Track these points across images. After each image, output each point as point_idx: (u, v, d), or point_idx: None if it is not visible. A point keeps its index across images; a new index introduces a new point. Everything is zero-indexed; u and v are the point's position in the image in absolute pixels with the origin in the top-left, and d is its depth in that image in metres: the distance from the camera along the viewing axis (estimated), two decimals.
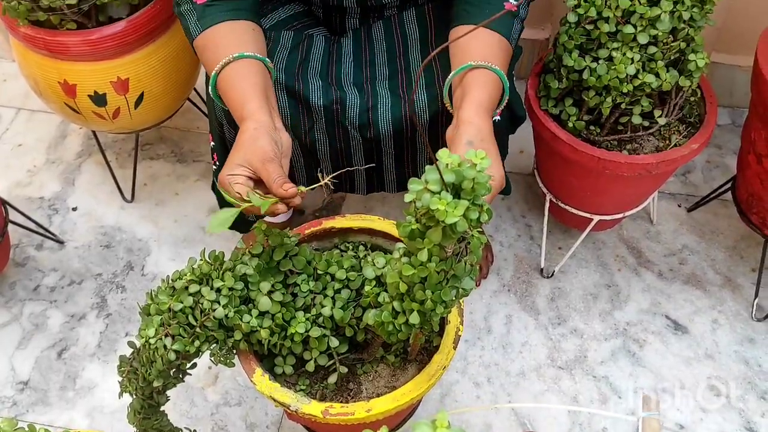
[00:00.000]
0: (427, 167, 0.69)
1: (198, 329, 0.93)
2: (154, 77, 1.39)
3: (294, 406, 0.93)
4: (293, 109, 1.13)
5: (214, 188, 1.35)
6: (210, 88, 1.03)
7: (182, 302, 0.93)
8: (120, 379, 1.03)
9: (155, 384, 0.97)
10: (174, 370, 0.98)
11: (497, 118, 1.09)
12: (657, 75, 1.14)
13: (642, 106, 1.19)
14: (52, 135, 1.79)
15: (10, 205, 1.48)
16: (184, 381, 1.03)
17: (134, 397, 1.02)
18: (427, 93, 1.11)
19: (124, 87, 1.36)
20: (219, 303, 0.93)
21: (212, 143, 1.25)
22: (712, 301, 1.47)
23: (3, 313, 1.47)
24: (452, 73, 0.99)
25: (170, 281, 0.97)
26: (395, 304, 0.83)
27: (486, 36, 1.01)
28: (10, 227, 1.46)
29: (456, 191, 0.68)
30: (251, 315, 0.94)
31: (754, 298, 1.43)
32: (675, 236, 1.57)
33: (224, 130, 1.17)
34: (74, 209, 1.65)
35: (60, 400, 1.36)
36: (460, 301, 1.01)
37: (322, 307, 0.96)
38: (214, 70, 1.00)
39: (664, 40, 1.12)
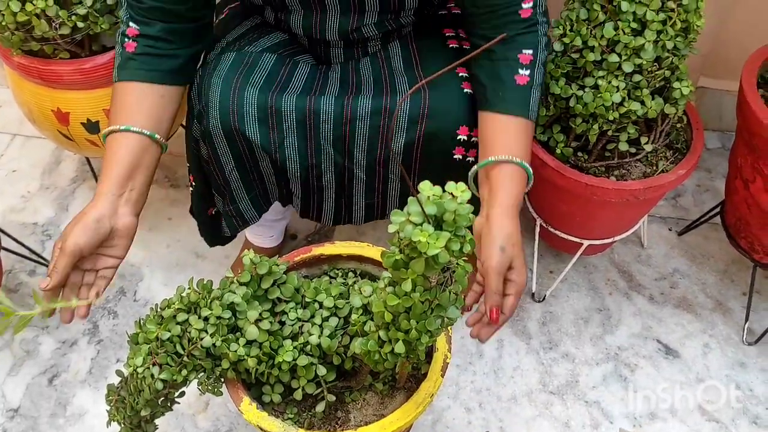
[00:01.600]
0: (410, 199, 0.69)
1: (186, 358, 0.94)
2: None
3: None
4: (262, 124, 1.10)
5: (191, 211, 1.35)
6: (102, 135, 1.06)
7: (170, 331, 0.94)
8: (108, 408, 1.03)
9: (143, 413, 0.97)
10: (162, 399, 0.99)
11: (471, 158, 1.11)
12: (642, 103, 1.15)
13: (628, 133, 1.21)
14: (46, 161, 1.81)
15: (3, 231, 1.48)
16: (172, 410, 1.03)
17: (122, 425, 1.02)
18: (409, 115, 1.10)
19: None
20: (206, 332, 0.93)
21: (188, 164, 1.25)
22: (703, 325, 1.47)
23: None
24: (476, 166, 1.02)
25: (158, 310, 0.97)
26: (381, 333, 0.84)
27: (505, 124, 1.01)
28: (3, 253, 1.46)
29: (438, 223, 0.69)
30: (238, 344, 0.94)
31: (745, 322, 1.44)
32: (666, 260, 1.58)
33: (200, 149, 1.18)
34: None
35: (50, 428, 1.35)
36: (448, 328, 1.01)
37: (310, 335, 0.96)
38: (105, 130, 1.04)
39: (649, 69, 1.13)
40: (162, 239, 1.64)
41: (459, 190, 0.68)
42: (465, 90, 1.10)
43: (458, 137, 1.09)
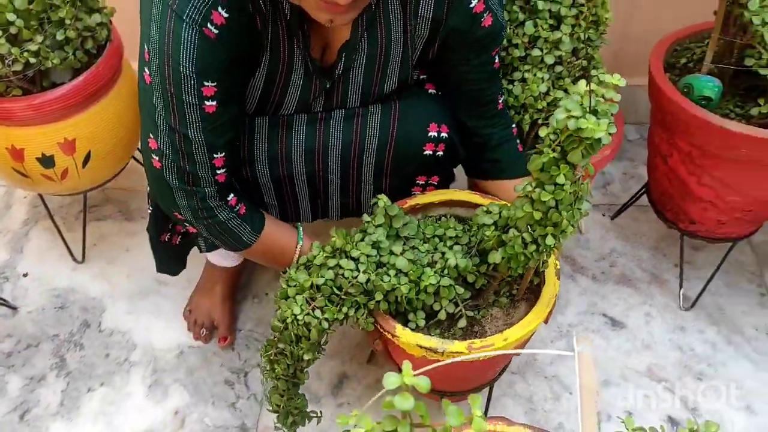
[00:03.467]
0: (565, 100, 0.85)
1: (343, 296, 1.05)
2: (99, 136, 1.44)
3: (440, 348, 1.03)
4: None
5: (149, 229, 1.36)
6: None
7: (323, 276, 1.05)
8: (263, 365, 1.15)
9: (306, 357, 1.09)
10: (322, 340, 1.10)
11: (440, 153, 1.21)
12: (566, 91, 1.27)
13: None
14: None
15: None
16: (323, 354, 1.14)
17: (278, 380, 1.13)
18: (381, 123, 1.19)
19: (71, 147, 1.41)
20: (359, 270, 1.05)
21: (148, 188, 1.28)
22: (642, 297, 1.59)
23: None
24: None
25: (305, 261, 1.10)
26: (525, 235, 0.97)
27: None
28: None
29: (594, 113, 0.85)
30: (389, 275, 1.06)
31: (680, 289, 1.56)
32: (603, 242, 1.70)
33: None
34: (25, 275, 1.66)
35: None
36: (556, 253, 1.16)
37: (446, 260, 1.08)
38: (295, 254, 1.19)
39: (568, 60, 1.26)
40: (121, 270, 1.67)
41: (615, 79, 0.87)
42: (430, 90, 1.21)
43: (429, 134, 1.19)
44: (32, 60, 1.27)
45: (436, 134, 1.19)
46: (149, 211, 1.33)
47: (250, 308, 1.59)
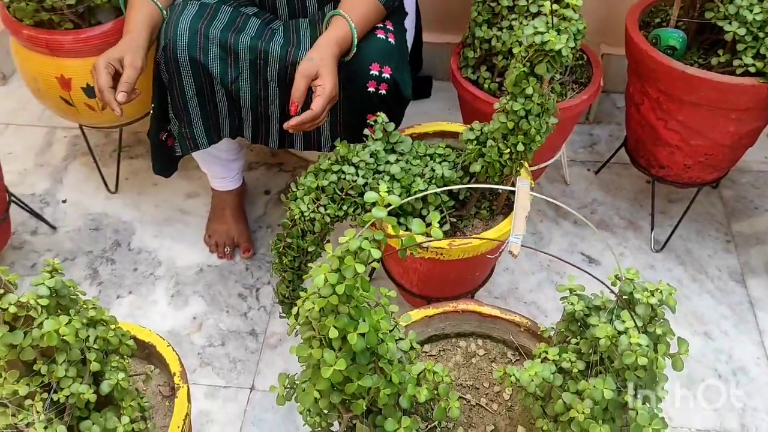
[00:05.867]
0: (533, 20, 1.05)
1: (344, 196, 1.23)
2: None
3: (426, 243, 1.19)
4: (222, 61, 1.36)
5: (148, 134, 1.52)
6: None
7: (328, 179, 1.23)
8: (273, 258, 1.35)
9: (310, 249, 1.27)
10: (324, 235, 1.27)
11: (383, 91, 1.33)
12: None
13: None
14: (39, 144, 2.01)
15: (12, 194, 1.68)
16: (325, 249, 1.29)
17: (285, 271, 1.32)
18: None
19: None
20: (358, 175, 1.23)
21: (153, 93, 1.44)
22: (618, 240, 1.75)
23: None
24: (328, 14, 1.34)
25: (315, 167, 1.27)
26: (500, 144, 1.15)
27: None
28: (9, 215, 1.65)
29: (557, 32, 1.02)
30: (384, 180, 1.24)
31: (651, 232, 1.72)
32: (586, 193, 1.87)
33: (162, 76, 1.39)
34: (64, 201, 1.85)
35: None
36: (527, 164, 1.30)
37: (433, 171, 1.26)
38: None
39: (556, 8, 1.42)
40: (150, 200, 1.86)
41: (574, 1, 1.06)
42: (378, 35, 1.35)
43: (370, 72, 1.32)
44: None
45: (377, 73, 1.32)
46: (150, 113, 1.48)
47: (263, 236, 1.77)
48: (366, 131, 1.30)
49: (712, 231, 1.76)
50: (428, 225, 0.79)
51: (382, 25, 1.38)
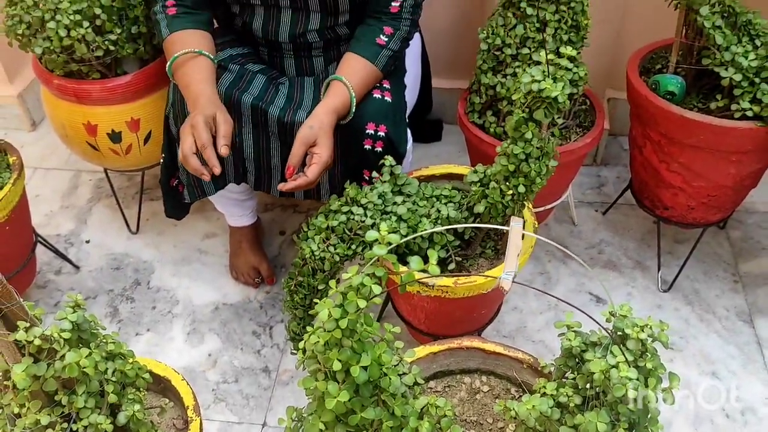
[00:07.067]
0: (530, 69, 1.11)
1: (353, 236, 1.28)
2: (160, 118, 1.70)
3: (431, 281, 1.24)
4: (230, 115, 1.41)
5: (160, 181, 1.58)
6: (168, 64, 1.38)
7: (338, 220, 1.29)
8: (285, 296, 1.40)
9: (320, 287, 1.31)
10: (334, 273, 1.32)
11: (378, 149, 1.38)
12: None
13: None
14: (65, 186, 2.10)
15: (39, 236, 1.75)
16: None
17: (296, 309, 1.36)
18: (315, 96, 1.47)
19: (136, 126, 1.69)
20: (366, 215, 1.28)
21: (163, 144, 1.51)
22: (626, 280, 1.78)
23: None
24: (327, 79, 1.39)
25: (325, 208, 1.33)
26: (502, 186, 1.20)
27: (356, 61, 1.40)
28: (35, 255, 1.72)
29: (553, 80, 1.08)
30: (391, 220, 1.28)
31: (658, 272, 1.75)
32: (593, 233, 1.90)
33: (171, 130, 1.45)
34: (87, 242, 1.92)
35: None
36: (529, 205, 1.36)
37: (439, 212, 1.30)
38: (179, 52, 1.36)
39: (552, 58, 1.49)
40: (169, 241, 1.92)
41: (568, 51, 1.13)
42: (374, 95, 1.41)
43: (366, 131, 1.38)
44: (111, 48, 1.55)
45: (373, 132, 1.37)
46: (161, 161, 1.54)
47: (278, 276, 1.82)
48: (374, 173, 1.36)
49: (719, 271, 1.78)
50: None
51: (378, 85, 1.44)
